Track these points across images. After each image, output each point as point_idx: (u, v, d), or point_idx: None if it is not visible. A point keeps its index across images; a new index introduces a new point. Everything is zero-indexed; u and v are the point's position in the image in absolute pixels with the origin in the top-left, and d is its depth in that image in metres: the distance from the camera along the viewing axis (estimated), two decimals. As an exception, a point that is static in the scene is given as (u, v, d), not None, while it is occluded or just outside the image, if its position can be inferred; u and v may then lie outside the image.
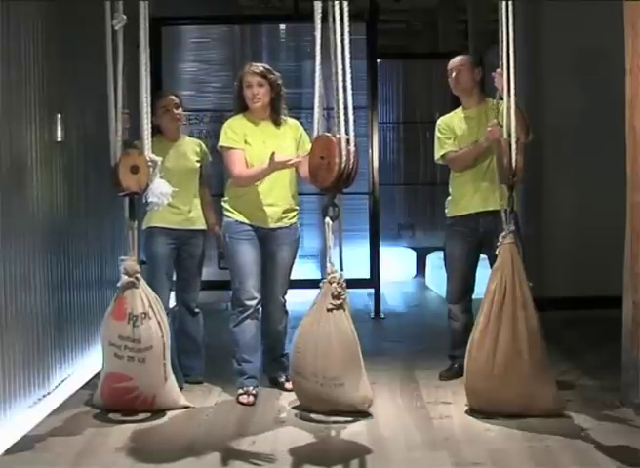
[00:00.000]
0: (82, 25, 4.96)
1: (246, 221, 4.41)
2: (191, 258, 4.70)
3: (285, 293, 4.58)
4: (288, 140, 4.48)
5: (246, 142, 4.41)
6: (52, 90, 4.54)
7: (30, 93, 4.30)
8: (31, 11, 4.29)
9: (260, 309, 4.45)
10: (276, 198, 4.43)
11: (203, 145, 4.86)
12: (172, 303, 4.87)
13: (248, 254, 4.38)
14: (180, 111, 4.71)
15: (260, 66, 4.45)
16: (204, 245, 4.78)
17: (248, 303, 4.36)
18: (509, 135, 4.15)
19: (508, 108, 4.17)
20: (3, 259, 3.92)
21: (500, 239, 4.13)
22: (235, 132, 4.43)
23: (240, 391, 4.38)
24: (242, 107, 4.48)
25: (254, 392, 4.37)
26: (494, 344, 3.99)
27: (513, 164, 4.12)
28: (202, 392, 4.55)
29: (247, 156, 4.40)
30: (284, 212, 4.46)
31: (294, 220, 4.54)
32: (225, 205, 4.50)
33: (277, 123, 4.49)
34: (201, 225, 4.75)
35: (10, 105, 4.04)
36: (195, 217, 4.71)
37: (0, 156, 3.93)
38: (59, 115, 4.63)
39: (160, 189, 4.13)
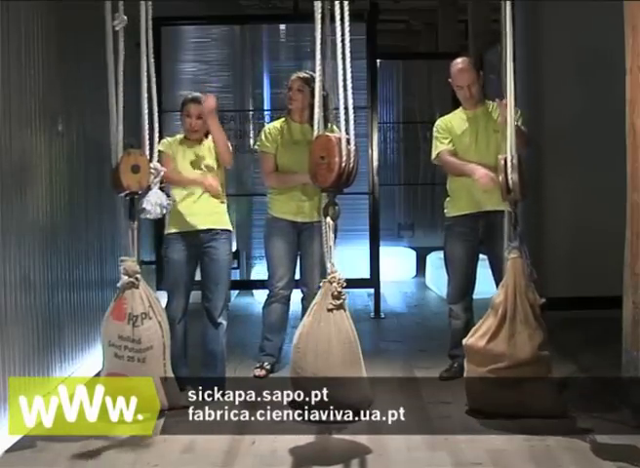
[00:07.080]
0: (82, 26, 4.95)
1: (281, 217, 4.90)
2: (211, 263, 4.51)
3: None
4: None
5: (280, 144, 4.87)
6: (52, 90, 4.54)
7: (31, 93, 4.30)
8: (31, 11, 4.29)
9: (290, 297, 4.95)
10: (310, 194, 4.78)
11: None
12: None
13: (278, 249, 4.91)
14: (200, 122, 4.50)
15: (303, 73, 4.87)
16: (229, 246, 4.59)
17: (275, 290, 4.93)
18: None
19: (510, 134, 4.12)
20: (3, 259, 3.92)
21: (506, 255, 4.14)
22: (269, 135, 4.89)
23: (257, 364, 4.88)
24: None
25: (267, 367, 4.87)
26: (492, 348, 3.99)
27: (510, 183, 4.10)
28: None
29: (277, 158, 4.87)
30: (316, 207, 4.73)
31: None
32: (268, 201, 4.98)
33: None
34: (222, 225, 4.56)
35: (10, 106, 4.04)
36: (215, 218, 4.54)
37: (0, 156, 3.93)
38: (59, 115, 4.63)
39: (155, 199, 4.12)
